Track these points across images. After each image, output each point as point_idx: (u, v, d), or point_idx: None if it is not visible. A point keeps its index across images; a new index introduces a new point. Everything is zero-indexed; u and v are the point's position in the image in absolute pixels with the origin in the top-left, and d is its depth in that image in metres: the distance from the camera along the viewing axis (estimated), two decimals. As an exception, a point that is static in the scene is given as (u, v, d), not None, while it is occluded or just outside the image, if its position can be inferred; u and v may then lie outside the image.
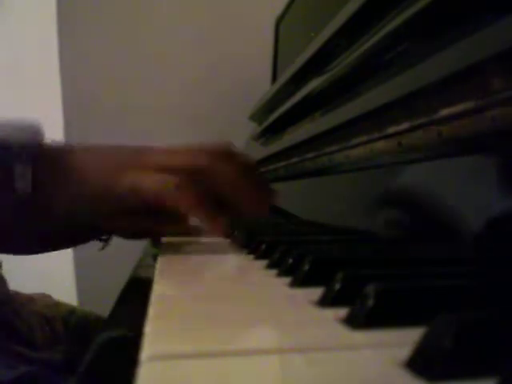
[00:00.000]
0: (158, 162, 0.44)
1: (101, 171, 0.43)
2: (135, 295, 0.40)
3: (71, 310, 0.71)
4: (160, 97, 1.52)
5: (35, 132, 0.44)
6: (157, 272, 0.36)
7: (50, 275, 1.35)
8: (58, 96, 1.49)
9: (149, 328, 0.21)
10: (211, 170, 0.43)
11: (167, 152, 0.46)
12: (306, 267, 0.28)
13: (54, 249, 0.49)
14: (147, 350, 0.18)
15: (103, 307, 0.49)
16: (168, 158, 0.44)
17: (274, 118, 0.83)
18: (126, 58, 1.51)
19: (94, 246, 0.52)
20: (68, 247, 0.52)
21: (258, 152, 0.93)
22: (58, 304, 0.72)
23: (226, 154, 0.45)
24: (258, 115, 1.03)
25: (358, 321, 0.20)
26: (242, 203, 0.44)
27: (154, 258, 0.45)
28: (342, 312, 0.21)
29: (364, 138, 0.46)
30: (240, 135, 1.24)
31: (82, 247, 0.53)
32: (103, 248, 0.52)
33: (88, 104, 1.50)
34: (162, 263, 0.39)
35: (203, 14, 1.51)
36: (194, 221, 0.48)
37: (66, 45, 1.49)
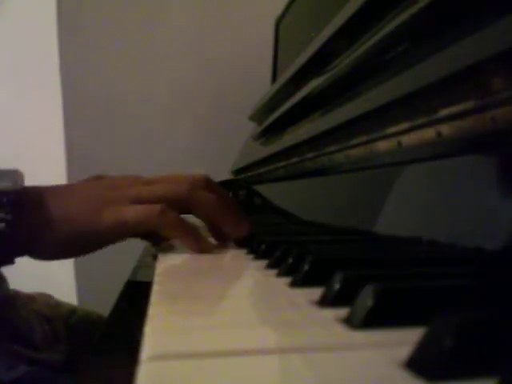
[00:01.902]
0: (138, 194, 0.45)
1: (81, 209, 0.44)
2: (135, 295, 0.40)
3: (72, 310, 0.71)
4: (160, 97, 1.52)
5: (15, 179, 0.46)
6: (156, 272, 0.36)
7: (49, 275, 1.35)
8: (58, 96, 1.49)
9: (149, 328, 0.21)
10: (190, 198, 0.45)
11: (147, 183, 0.47)
12: (306, 267, 0.28)
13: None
14: (147, 349, 0.18)
15: (103, 307, 0.49)
16: (148, 189, 0.46)
17: (273, 118, 0.83)
18: (126, 58, 1.51)
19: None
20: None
21: (258, 152, 0.93)
22: (58, 304, 0.72)
23: (203, 183, 0.48)
24: (258, 115, 1.02)
25: (357, 321, 0.20)
26: (221, 226, 0.47)
27: (154, 257, 0.45)
28: (342, 312, 0.21)
29: (364, 138, 0.46)
30: (240, 135, 1.24)
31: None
32: None
33: (88, 104, 1.50)
34: (161, 263, 0.39)
35: (203, 14, 1.51)
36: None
37: (66, 45, 1.49)
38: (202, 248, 0.45)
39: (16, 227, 0.43)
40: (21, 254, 0.46)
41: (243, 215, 0.49)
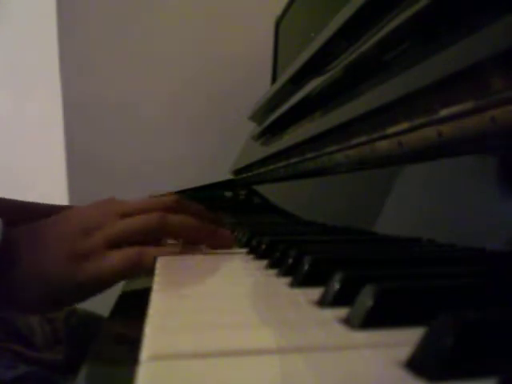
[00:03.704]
0: (112, 235, 0.43)
1: (56, 265, 0.41)
2: (135, 295, 0.40)
3: (72, 311, 0.71)
4: (160, 97, 1.52)
5: None
6: (156, 272, 0.36)
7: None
8: (58, 96, 1.49)
9: (149, 328, 0.21)
10: (162, 226, 0.43)
11: (120, 214, 0.44)
12: (306, 267, 0.28)
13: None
14: (147, 349, 0.18)
15: (103, 307, 0.49)
16: (120, 227, 0.43)
17: (273, 118, 0.83)
18: (126, 58, 1.51)
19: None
20: None
21: (258, 152, 0.93)
22: (58, 304, 0.72)
23: (174, 206, 0.46)
24: (258, 115, 1.03)
25: (357, 321, 0.20)
26: (200, 244, 0.46)
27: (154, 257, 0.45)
28: (342, 312, 0.21)
29: (364, 138, 0.46)
30: (240, 135, 1.24)
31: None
32: None
33: (88, 104, 1.50)
34: (161, 263, 0.39)
35: (203, 14, 1.51)
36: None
37: (66, 45, 1.49)
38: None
39: None
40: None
41: (221, 226, 0.48)
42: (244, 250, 0.45)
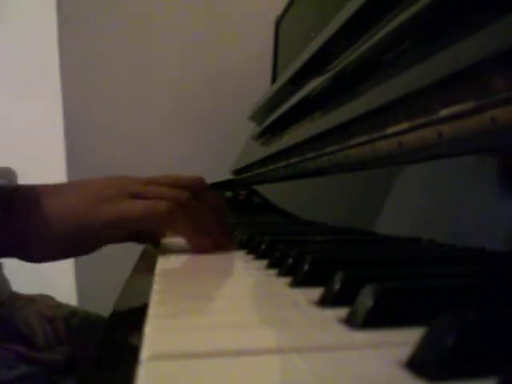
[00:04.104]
0: (140, 191, 0.44)
1: (78, 207, 0.42)
2: (135, 295, 0.40)
3: (73, 311, 0.71)
4: (160, 96, 1.52)
5: (8, 177, 0.45)
6: (156, 272, 0.36)
7: (50, 275, 1.35)
8: (58, 96, 1.49)
9: (149, 328, 0.21)
10: (166, 219, 0.43)
11: (146, 183, 0.46)
12: (306, 267, 0.28)
13: None
14: (147, 349, 0.18)
15: (103, 307, 0.49)
16: (149, 188, 0.45)
17: (273, 118, 0.83)
18: (127, 58, 1.51)
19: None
20: None
21: (258, 152, 0.93)
22: (59, 305, 0.72)
23: (201, 188, 0.48)
24: (258, 115, 1.03)
25: (357, 321, 0.20)
26: (213, 232, 0.46)
27: (154, 258, 0.45)
28: (342, 312, 0.21)
29: (364, 138, 0.46)
30: (240, 135, 1.24)
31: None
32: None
33: (88, 104, 1.50)
34: (161, 263, 0.39)
35: (203, 14, 1.51)
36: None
37: (66, 45, 1.49)
38: (206, 247, 0.44)
39: (5, 226, 0.41)
40: (11, 254, 0.44)
41: (227, 236, 0.49)
42: (244, 250, 0.45)
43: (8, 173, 0.45)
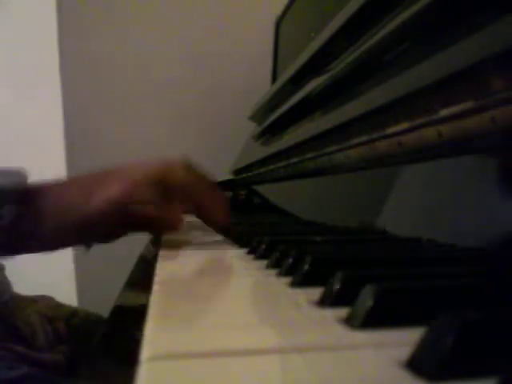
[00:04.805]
0: (135, 175, 0.48)
1: (75, 195, 0.47)
2: (135, 296, 0.40)
3: (73, 312, 0.71)
4: (160, 96, 1.52)
5: (21, 177, 0.49)
6: (156, 272, 0.36)
7: (50, 276, 1.35)
8: (58, 96, 1.49)
9: (149, 328, 0.21)
10: (184, 183, 0.48)
11: (143, 166, 0.50)
12: (306, 267, 0.28)
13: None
14: (147, 349, 0.18)
15: (103, 307, 0.49)
16: (145, 172, 0.48)
17: (273, 118, 0.83)
18: (127, 57, 1.51)
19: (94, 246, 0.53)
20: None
21: (258, 152, 0.93)
22: (60, 305, 0.72)
23: (190, 168, 0.50)
24: (258, 115, 1.03)
25: (357, 321, 0.20)
26: (210, 212, 0.50)
27: (154, 258, 0.45)
28: (342, 312, 0.21)
29: (364, 138, 0.46)
30: (240, 135, 1.24)
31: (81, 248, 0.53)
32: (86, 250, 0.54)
33: (88, 104, 1.50)
34: (161, 263, 0.39)
35: (203, 14, 1.51)
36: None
37: (66, 45, 1.49)
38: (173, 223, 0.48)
39: (17, 223, 0.45)
40: (22, 250, 0.48)
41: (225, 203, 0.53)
42: (244, 250, 0.45)
43: (20, 173, 0.50)
